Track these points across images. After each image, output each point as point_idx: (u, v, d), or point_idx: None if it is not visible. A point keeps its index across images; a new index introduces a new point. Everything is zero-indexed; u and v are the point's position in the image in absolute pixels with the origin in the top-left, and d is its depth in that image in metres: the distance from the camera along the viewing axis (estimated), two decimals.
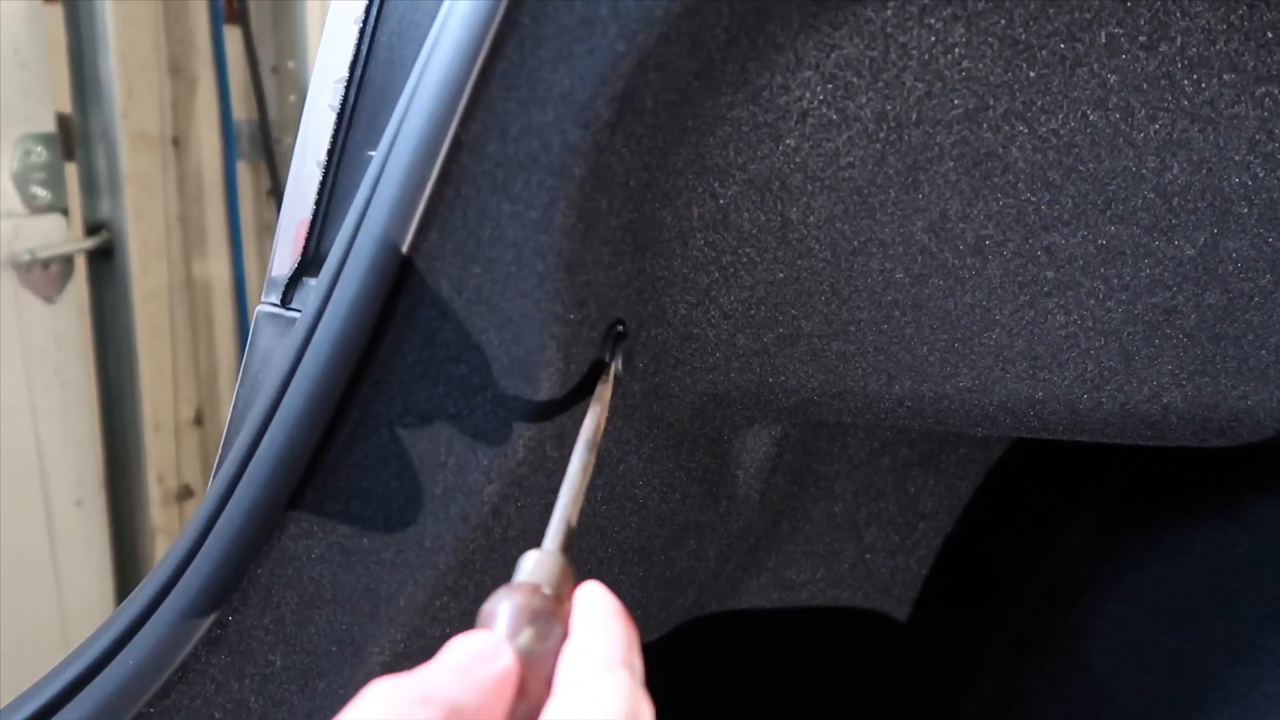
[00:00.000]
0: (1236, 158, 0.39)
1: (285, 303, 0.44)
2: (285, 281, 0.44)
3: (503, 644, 0.27)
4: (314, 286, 0.39)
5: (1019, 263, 0.42)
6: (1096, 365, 0.45)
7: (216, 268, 1.65)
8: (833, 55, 0.38)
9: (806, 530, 0.68)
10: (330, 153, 0.43)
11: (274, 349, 0.44)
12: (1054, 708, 0.62)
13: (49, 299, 1.31)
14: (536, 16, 0.33)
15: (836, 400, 0.49)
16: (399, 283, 0.36)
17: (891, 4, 0.37)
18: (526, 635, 0.27)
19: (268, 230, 1.74)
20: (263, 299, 0.45)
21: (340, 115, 0.42)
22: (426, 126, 0.34)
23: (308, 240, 0.44)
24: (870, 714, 0.72)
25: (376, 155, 0.36)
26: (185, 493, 1.61)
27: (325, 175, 0.43)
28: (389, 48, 0.42)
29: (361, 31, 0.42)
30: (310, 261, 0.44)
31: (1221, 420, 0.47)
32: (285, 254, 0.45)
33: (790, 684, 0.73)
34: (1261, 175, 0.40)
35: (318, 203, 0.43)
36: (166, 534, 1.55)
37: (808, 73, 0.38)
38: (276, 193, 1.70)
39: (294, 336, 0.38)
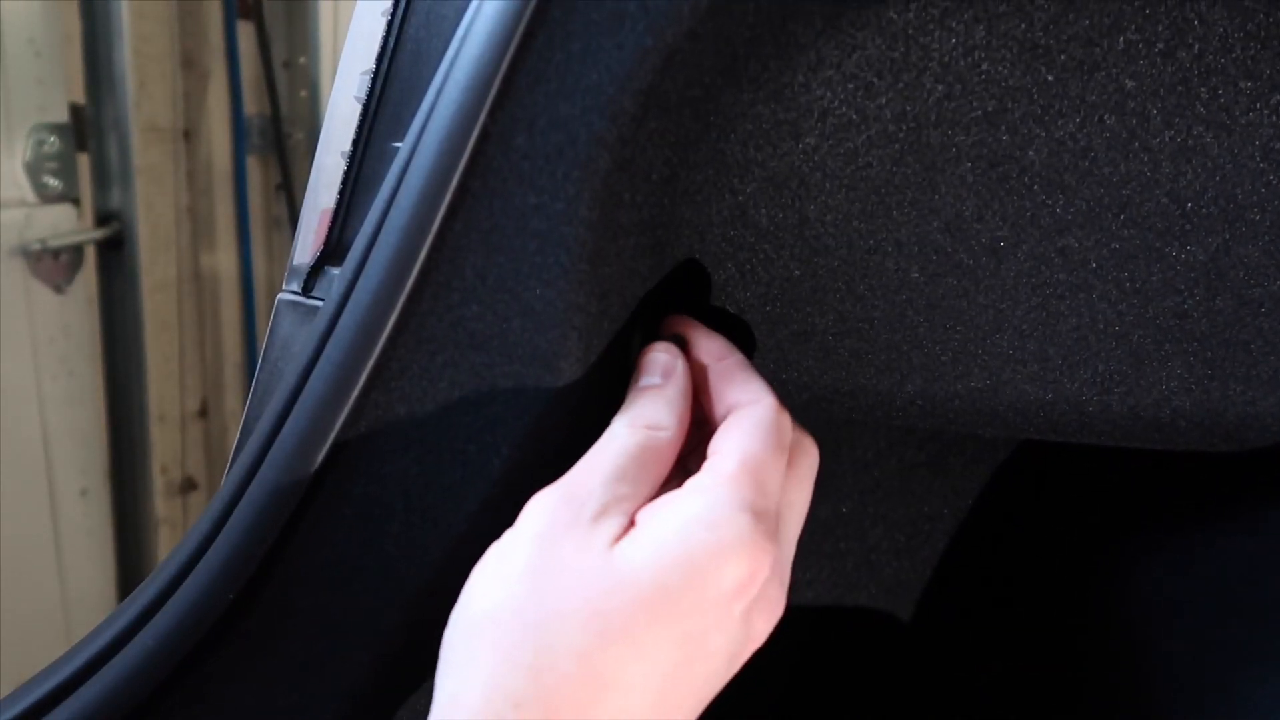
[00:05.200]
0: (1250, 164, 0.40)
1: (307, 291, 0.45)
2: (307, 270, 0.45)
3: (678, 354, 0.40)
4: (338, 275, 0.39)
5: (1032, 264, 0.43)
6: (1107, 368, 0.46)
7: (224, 261, 1.66)
8: (854, 55, 0.38)
9: (812, 529, 0.68)
10: (355, 143, 0.43)
11: (295, 336, 0.45)
12: (1057, 710, 0.62)
13: (58, 288, 1.31)
14: (566, 11, 0.34)
15: (848, 398, 0.49)
16: (425, 272, 0.36)
17: (914, 6, 0.37)
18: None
19: (276, 224, 1.75)
20: (284, 287, 0.46)
21: (366, 106, 0.43)
22: (455, 118, 0.35)
23: (331, 229, 0.44)
24: (873, 715, 0.72)
25: (404, 145, 0.37)
26: (189, 485, 1.61)
27: (350, 165, 0.43)
28: (416, 40, 0.42)
29: (389, 24, 0.42)
30: (333, 250, 0.44)
31: (1229, 425, 0.47)
32: (307, 243, 0.46)
33: (793, 684, 0.73)
34: (1274, 182, 0.40)
35: (341, 192, 0.44)
36: (170, 525, 1.55)
37: (829, 72, 0.39)
38: (286, 187, 1.70)
39: (318, 324, 0.39)
